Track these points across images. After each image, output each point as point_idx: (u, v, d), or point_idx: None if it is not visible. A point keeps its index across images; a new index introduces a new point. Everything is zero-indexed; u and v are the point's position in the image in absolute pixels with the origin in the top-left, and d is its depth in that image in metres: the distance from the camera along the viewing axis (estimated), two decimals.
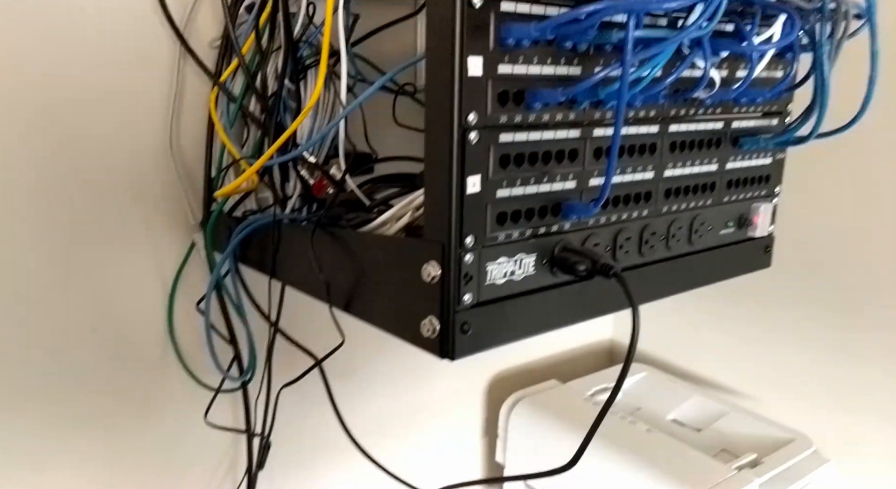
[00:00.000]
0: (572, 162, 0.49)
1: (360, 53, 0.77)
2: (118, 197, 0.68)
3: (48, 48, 0.62)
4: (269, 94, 0.66)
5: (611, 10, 0.38)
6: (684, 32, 0.42)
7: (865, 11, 0.53)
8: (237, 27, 0.68)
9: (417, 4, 0.77)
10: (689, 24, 0.42)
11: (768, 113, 0.64)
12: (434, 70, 0.42)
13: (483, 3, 0.41)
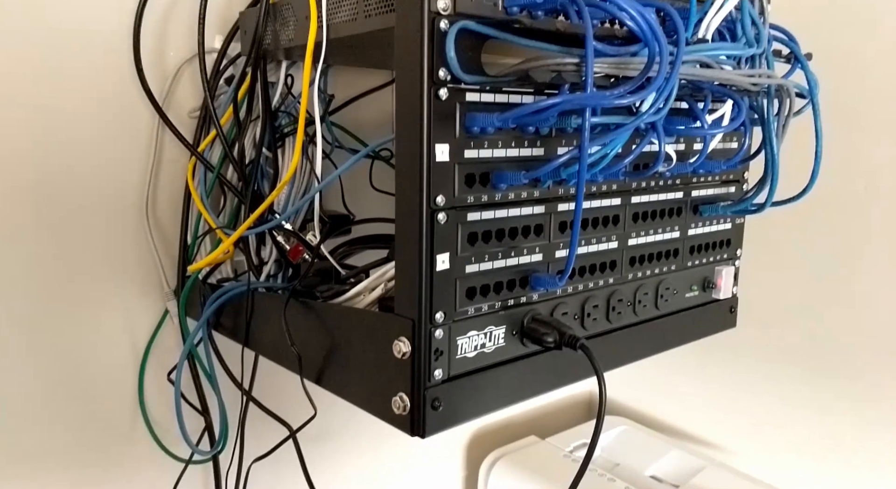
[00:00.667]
0: (538, 236, 0.51)
1: (336, 121, 0.79)
2: (92, 264, 0.68)
3: (28, 118, 0.63)
4: (246, 162, 0.68)
5: (567, 104, 0.41)
6: (638, 119, 0.45)
7: (808, 92, 0.57)
8: (216, 98, 0.70)
9: (393, 74, 0.81)
10: (643, 112, 0.45)
11: (726, 181, 0.67)
12: (403, 156, 0.44)
13: (449, 95, 0.43)
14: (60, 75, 0.64)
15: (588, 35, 0.40)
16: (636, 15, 0.40)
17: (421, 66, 0.42)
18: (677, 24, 0.43)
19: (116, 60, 0.66)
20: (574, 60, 0.44)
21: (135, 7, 0.65)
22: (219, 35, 0.72)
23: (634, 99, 0.41)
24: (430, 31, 0.42)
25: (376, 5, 0.48)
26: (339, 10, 0.52)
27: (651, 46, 0.41)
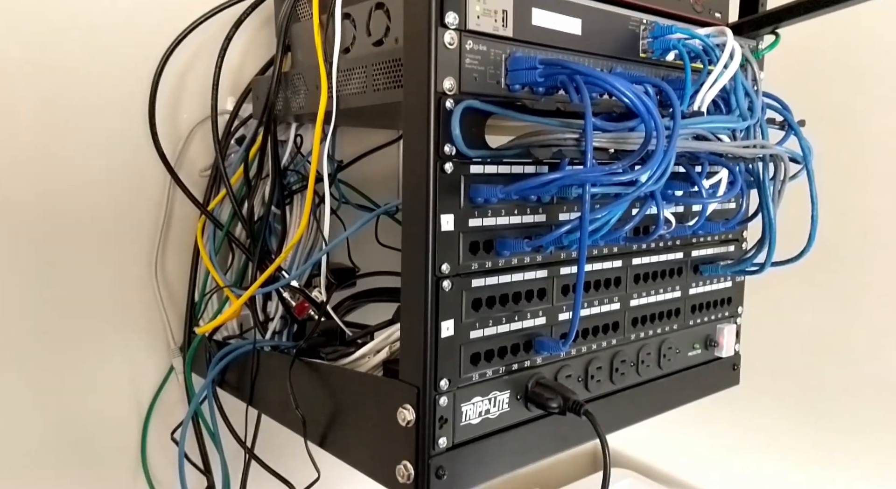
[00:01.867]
0: (541, 300, 0.52)
1: (343, 178, 0.81)
2: (99, 318, 0.69)
3: (40, 170, 0.64)
4: (255, 219, 0.70)
5: (567, 179, 0.43)
6: (637, 190, 0.46)
7: (802, 159, 0.58)
8: (226, 158, 0.72)
9: (399, 132, 0.83)
10: (642, 182, 0.46)
11: (725, 240, 0.68)
12: (410, 225, 0.46)
13: (454, 169, 0.45)
14: (77, 132, 0.66)
15: (587, 113, 0.42)
16: (631, 95, 0.42)
17: (427, 141, 0.44)
18: (673, 101, 0.45)
19: (132, 123, 0.68)
20: (574, 135, 0.45)
21: (151, 74, 0.67)
22: (231, 97, 0.74)
23: (633, 176, 0.42)
24: (437, 109, 0.44)
25: (385, 81, 0.51)
26: (348, 83, 0.55)
27: (647, 124, 0.42)
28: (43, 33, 0.63)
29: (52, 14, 0.63)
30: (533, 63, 0.46)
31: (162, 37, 0.67)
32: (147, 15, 0.68)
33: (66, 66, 0.64)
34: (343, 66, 0.55)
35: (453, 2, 0.43)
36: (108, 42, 0.66)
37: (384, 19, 0.51)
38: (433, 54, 0.43)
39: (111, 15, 0.66)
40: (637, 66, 0.56)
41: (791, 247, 0.59)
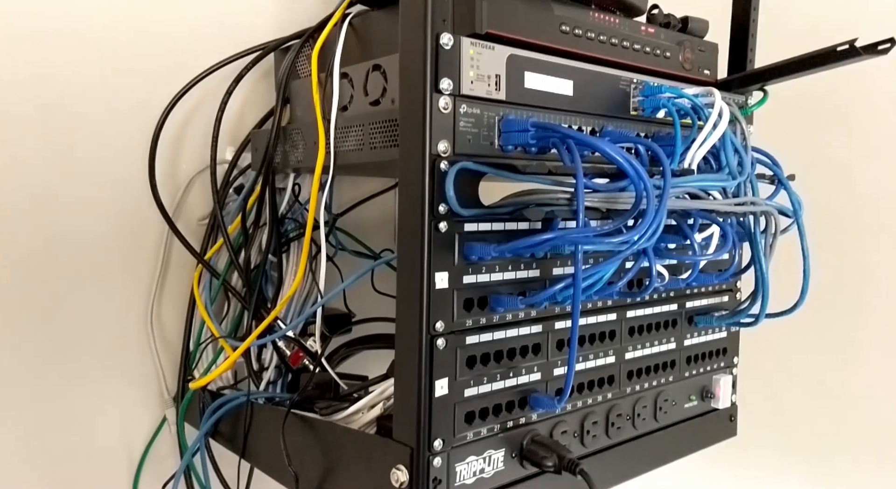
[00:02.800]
0: (536, 355, 0.52)
1: (340, 225, 0.82)
2: (92, 366, 0.69)
3: (39, 218, 0.65)
4: (251, 267, 0.70)
5: (559, 240, 0.43)
6: (629, 248, 0.47)
7: (792, 213, 0.59)
8: (224, 206, 0.73)
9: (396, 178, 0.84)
10: (634, 241, 0.47)
11: (719, 291, 0.68)
12: (404, 283, 0.46)
13: (448, 228, 0.46)
14: (78, 183, 0.67)
15: (578, 175, 0.43)
16: (621, 159, 0.43)
17: (422, 202, 0.44)
18: (663, 162, 0.46)
19: (132, 174, 0.69)
20: (566, 195, 0.46)
21: (152, 127, 0.68)
22: (230, 147, 0.75)
23: (624, 238, 0.43)
24: (432, 171, 0.44)
25: (381, 139, 0.52)
26: (346, 140, 0.56)
27: (637, 186, 0.43)
28: (47, 84, 0.64)
29: (56, 66, 0.64)
30: (525, 125, 0.47)
31: (165, 88, 0.69)
32: (150, 68, 0.69)
33: (69, 117, 0.65)
34: (341, 123, 0.56)
35: (448, 68, 0.45)
36: (111, 94, 0.68)
37: (381, 80, 0.53)
38: (428, 119, 0.44)
39: (115, 67, 0.68)
40: (628, 123, 0.57)
41: (786, 293, 0.60)
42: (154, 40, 0.69)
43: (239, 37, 0.72)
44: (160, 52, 0.70)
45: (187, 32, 0.71)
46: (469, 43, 0.46)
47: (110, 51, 0.67)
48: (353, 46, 0.58)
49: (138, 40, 0.68)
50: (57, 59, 0.64)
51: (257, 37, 0.73)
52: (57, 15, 0.64)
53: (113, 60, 0.67)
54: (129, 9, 0.68)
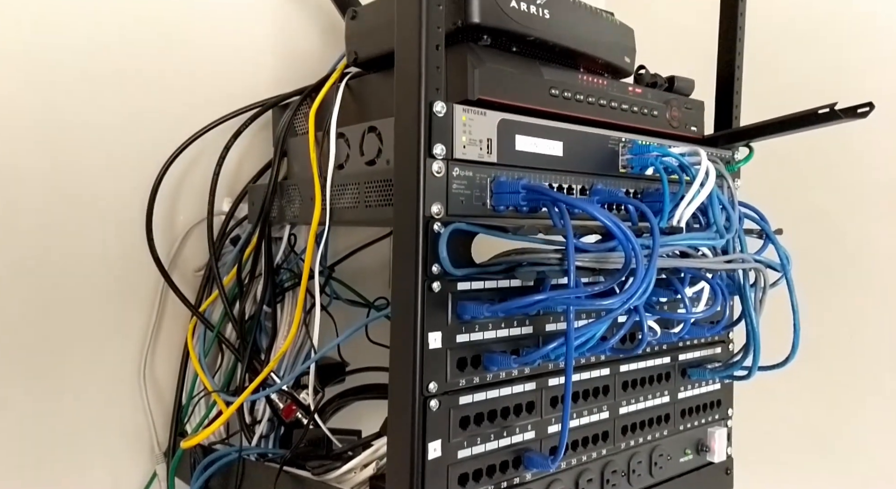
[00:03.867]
0: (530, 413, 0.52)
1: (335, 274, 0.82)
2: (84, 420, 0.68)
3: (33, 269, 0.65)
4: (246, 318, 0.70)
5: (551, 301, 0.44)
6: (621, 307, 0.47)
7: (781, 267, 0.60)
8: (220, 257, 0.74)
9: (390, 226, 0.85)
10: (624, 294, 0.48)
11: (712, 342, 0.69)
12: (397, 344, 0.46)
13: (441, 288, 0.46)
14: (76, 234, 0.67)
15: (568, 238, 0.44)
16: (609, 223, 0.43)
17: (416, 262, 0.45)
18: (651, 223, 0.47)
19: (130, 226, 0.70)
20: (557, 256, 0.47)
21: (150, 180, 0.69)
22: (227, 198, 0.76)
23: (615, 301, 0.43)
24: (425, 232, 0.45)
25: (376, 198, 0.53)
26: (342, 197, 0.57)
27: (626, 249, 0.44)
28: (48, 136, 0.65)
29: (58, 119, 0.66)
30: (516, 187, 0.48)
31: (165, 141, 0.70)
32: (151, 121, 0.71)
33: (68, 169, 0.66)
34: (337, 181, 0.57)
35: (441, 134, 0.46)
36: (111, 146, 0.69)
37: (376, 141, 0.54)
38: (422, 183, 0.45)
39: (115, 121, 0.69)
40: (618, 180, 0.59)
41: (779, 339, 0.60)
42: (156, 94, 0.71)
43: (238, 92, 0.74)
44: (161, 106, 0.71)
45: (188, 87, 0.73)
46: (461, 110, 0.47)
47: (112, 104, 0.69)
48: (349, 107, 0.60)
49: (140, 94, 0.70)
50: (59, 113, 0.66)
51: (256, 92, 0.75)
52: (60, 67, 0.65)
53: (114, 114, 0.69)
54: (133, 63, 0.69)
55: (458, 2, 0.49)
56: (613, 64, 0.60)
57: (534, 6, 0.51)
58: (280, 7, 0.79)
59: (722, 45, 0.70)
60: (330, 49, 0.82)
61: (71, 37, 0.66)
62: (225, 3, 0.75)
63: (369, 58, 0.58)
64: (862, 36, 0.86)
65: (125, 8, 0.69)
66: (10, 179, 0.63)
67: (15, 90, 0.63)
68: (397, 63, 0.46)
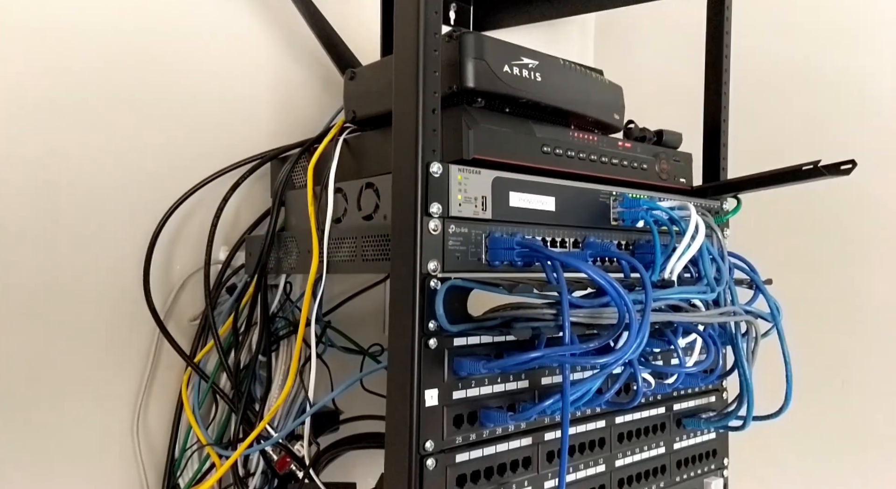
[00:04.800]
0: (527, 469, 0.52)
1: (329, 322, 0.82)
2: (75, 474, 0.67)
3: (34, 325, 0.65)
4: (241, 367, 0.70)
5: (547, 359, 0.44)
6: (616, 362, 0.48)
7: (771, 318, 0.61)
8: (216, 306, 0.74)
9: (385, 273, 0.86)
10: (619, 352, 0.48)
11: (706, 391, 0.69)
12: (393, 402, 0.47)
13: (438, 344, 0.47)
14: (74, 283, 0.67)
15: (563, 296, 0.45)
16: (603, 281, 0.44)
17: (413, 320, 0.46)
18: (644, 280, 0.48)
19: (127, 277, 0.70)
20: (552, 311, 0.48)
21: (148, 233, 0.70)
22: (224, 246, 0.77)
23: (609, 359, 0.44)
24: (422, 289, 0.46)
25: (373, 253, 0.54)
26: (339, 250, 0.58)
27: (619, 307, 0.45)
28: (47, 187, 0.66)
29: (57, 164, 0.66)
30: (511, 244, 0.50)
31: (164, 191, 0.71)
32: (151, 171, 0.72)
33: (66, 218, 0.67)
34: (334, 234, 0.58)
35: (437, 193, 0.47)
36: (111, 197, 0.69)
37: (374, 197, 0.55)
38: (419, 241, 0.46)
39: (116, 172, 0.70)
40: (610, 233, 0.60)
41: (772, 379, 0.60)
42: (155, 146, 0.72)
43: (237, 144, 0.76)
44: (160, 157, 0.72)
45: (188, 138, 0.74)
46: (457, 169, 0.49)
47: (110, 156, 0.69)
48: (347, 161, 0.61)
49: (138, 146, 0.71)
50: (58, 163, 0.67)
51: (255, 144, 0.76)
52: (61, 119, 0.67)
53: (113, 166, 0.70)
54: (132, 114, 0.71)
55: (453, 67, 0.51)
56: (603, 121, 0.62)
57: (526, 70, 0.53)
58: (279, 60, 0.81)
59: (708, 99, 0.73)
60: (327, 101, 0.84)
61: (72, 90, 0.67)
62: (225, 56, 0.77)
63: (367, 116, 0.59)
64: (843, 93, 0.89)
65: (124, 61, 0.70)
66: (7, 231, 0.64)
67: (15, 143, 0.64)
68: (395, 126, 0.48)
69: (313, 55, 0.82)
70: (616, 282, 0.45)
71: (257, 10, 0.79)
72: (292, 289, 0.76)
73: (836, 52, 0.88)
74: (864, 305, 0.85)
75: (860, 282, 0.86)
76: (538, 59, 0.54)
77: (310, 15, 0.72)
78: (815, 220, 0.89)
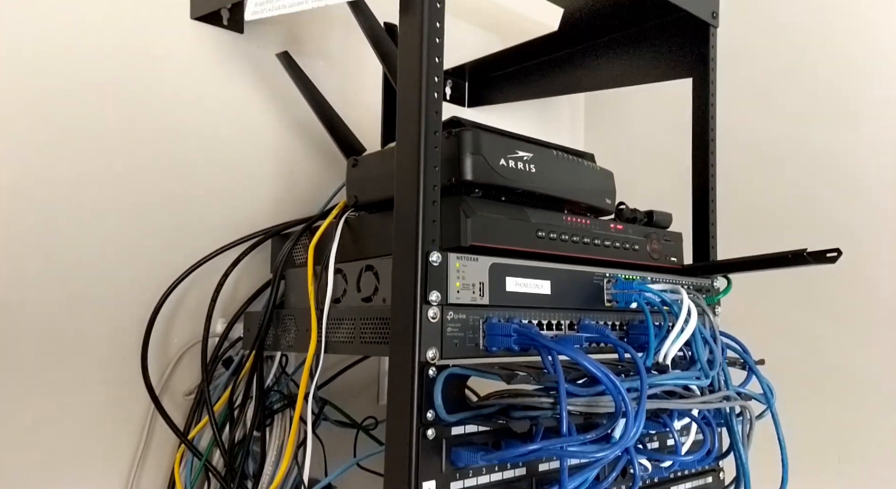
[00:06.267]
0: None
1: (323, 394, 0.82)
2: None
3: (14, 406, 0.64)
4: (235, 442, 0.69)
5: (545, 451, 0.45)
6: (612, 451, 0.48)
7: (765, 400, 0.61)
8: (212, 380, 0.73)
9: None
10: (614, 443, 0.48)
11: (703, 472, 0.69)
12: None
13: (435, 435, 0.47)
14: (71, 358, 0.67)
15: (560, 385, 0.45)
16: (599, 373, 0.45)
17: (411, 410, 0.46)
18: (640, 369, 0.49)
19: (124, 350, 0.70)
20: (549, 400, 0.48)
21: (147, 306, 0.70)
22: (222, 319, 0.77)
23: (607, 451, 0.44)
24: (420, 377, 0.47)
25: (372, 335, 0.54)
26: (337, 331, 0.58)
27: (616, 398, 0.45)
28: (48, 262, 0.67)
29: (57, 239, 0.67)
30: (508, 330, 0.51)
31: (164, 267, 0.72)
32: (152, 247, 0.73)
33: (66, 291, 0.67)
34: (333, 315, 0.59)
35: (436, 282, 0.48)
36: (112, 271, 0.70)
37: (373, 280, 0.57)
38: (418, 329, 0.47)
39: (117, 247, 0.71)
40: (604, 314, 0.61)
41: (771, 460, 0.60)
42: (155, 220, 0.73)
43: (240, 220, 0.77)
44: (161, 231, 0.73)
45: (189, 214, 0.76)
46: (455, 258, 0.50)
47: (112, 231, 0.71)
48: (347, 241, 0.62)
49: (140, 221, 0.72)
50: (59, 239, 0.67)
51: (256, 220, 0.78)
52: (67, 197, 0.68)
53: (114, 242, 0.71)
54: (134, 190, 0.72)
55: (452, 161, 0.53)
56: (595, 206, 0.64)
57: (521, 162, 0.55)
58: (282, 135, 0.84)
59: (696, 179, 0.76)
60: (329, 176, 0.86)
61: (77, 162, 0.69)
62: (230, 132, 0.79)
63: (368, 202, 0.61)
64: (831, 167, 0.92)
65: (126, 139, 0.72)
66: (6, 302, 0.64)
67: (18, 215, 0.66)
68: (396, 216, 0.49)
69: (316, 131, 0.85)
70: (611, 373, 0.46)
71: (262, 87, 0.82)
72: (288, 362, 0.76)
73: (823, 128, 0.91)
74: (858, 380, 0.86)
75: (853, 356, 0.86)
76: (532, 151, 0.57)
77: (314, 101, 0.75)
78: (806, 294, 0.90)
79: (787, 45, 0.96)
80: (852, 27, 0.91)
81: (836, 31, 0.92)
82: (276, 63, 0.78)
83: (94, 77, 0.70)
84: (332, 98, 0.78)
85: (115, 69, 0.71)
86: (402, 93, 0.50)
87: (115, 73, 0.71)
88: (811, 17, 0.94)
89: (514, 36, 1.02)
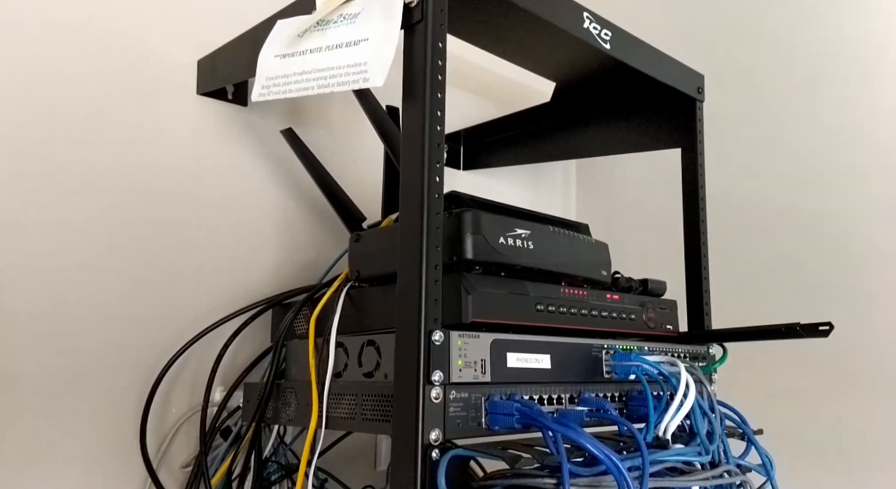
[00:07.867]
0: None
1: (320, 464, 0.81)
2: None
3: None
4: None
5: None
6: None
7: (765, 472, 0.61)
8: (210, 451, 0.72)
9: None
10: None
11: None
12: None
13: None
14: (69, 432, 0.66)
15: (563, 467, 0.46)
16: (601, 454, 0.46)
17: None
18: (641, 447, 0.49)
19: (121, 422, 0.70)
20: (553, 481, 0.48)
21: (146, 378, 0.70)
22: (220, 387, 0.77)
23: None
24: (423, 460, 0.47)
25: (373, 413, 0.55)
26: (338, 406, 0.58)
27: (618, 479, 0.46)
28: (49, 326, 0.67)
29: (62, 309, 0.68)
30: (510, 409, 0.51)
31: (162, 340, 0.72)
32: (150, 319, 0.73)
33: (66, 364, 0.67)
34: (334, 389, 0.59)
35: (439, 361, 0.49)
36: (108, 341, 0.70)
37: (375, 355, 0.57)
38: (421, 411, 0.47)
39: (115, 323, 0.71)
40: (604, 385, 0.61)
41: None
42: (158, 293, 0.74)
43: (240, 292, 0.78)
44: (160, 303, 0.74)
45: (190, 284, 0.76)
46: (457, 336, 0.51)
47: (114, 301, 0.71)
48: (349, 314, 0.63)
49: (143, 292, 0.73)
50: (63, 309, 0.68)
51: (257, 289, 0.79)
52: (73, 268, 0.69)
53: (115, 312, 0.71)
54: (138, 262, 0.73)
55: (453, 240, 0.55)
56: (592, 278, 0.65)
57: (519, 240, 0.57)
58: (282, 204, 0.86)
59: (688, 249, 0.78)
60: (330, 243, 0.87)
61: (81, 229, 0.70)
62: (230, 203, 0.81)
63: (371, 276, 0.63)
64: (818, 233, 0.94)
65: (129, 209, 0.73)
66: (6, 371, 0.64)
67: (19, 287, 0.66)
68: (399, 295, 0.50)
69: (316, 197, 0.87)
70: (612, 454, 0.46)
71: (263, 155, 0.84)
72: (286, 432, 0.76)
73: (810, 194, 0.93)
74: (854, 444, 0.86)
75: (848, 420, 0.87)
76: (530, 228, 0.59)
77: (317, 174, 0.77)
78: (802, 356, 0.91)
79: (770, 117, 0.99)
80: (834, 96, 0.94)
81: (818, 103, 0.96)
82: (278, 131, 0.80)
83: (99, 150, 0.72)
84: (332, 166, 0.80)
85: (119, 143, 0.73)
86: (405, 173, 0.52)
87: (119, 146, 0.73)
88: (796, 88, 0.97)
89: (509, 102, 1.06)
